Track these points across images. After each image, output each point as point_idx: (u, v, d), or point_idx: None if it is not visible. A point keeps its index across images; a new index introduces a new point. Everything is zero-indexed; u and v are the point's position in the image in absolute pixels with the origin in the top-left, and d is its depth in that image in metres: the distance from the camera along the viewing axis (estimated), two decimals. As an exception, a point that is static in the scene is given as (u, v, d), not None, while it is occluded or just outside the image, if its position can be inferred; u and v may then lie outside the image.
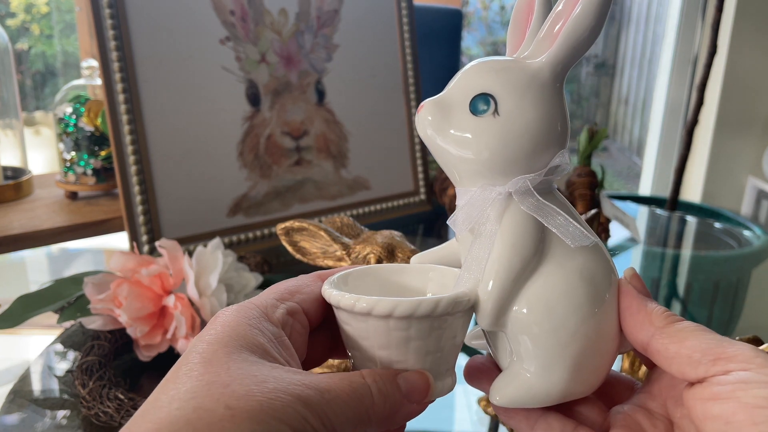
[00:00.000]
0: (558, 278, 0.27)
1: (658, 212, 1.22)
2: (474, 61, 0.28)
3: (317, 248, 0.45)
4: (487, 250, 0.27)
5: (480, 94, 0.26)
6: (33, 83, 1.76)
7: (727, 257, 1.00)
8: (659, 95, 2.19)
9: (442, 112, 0.27)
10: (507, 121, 0.26)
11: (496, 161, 0.26)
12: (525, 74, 0.27)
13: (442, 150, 0.27)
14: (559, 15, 0.26)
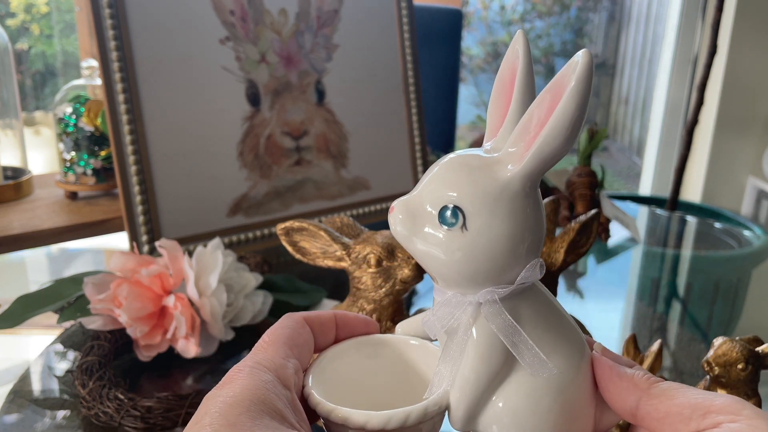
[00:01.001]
0: (527, 389, 0.27)
1: (658, 212, 1.22)
2: (447, 159, 0.27)
3: (317, 248, 0.45)
4: (458, 356, 0.27)
5: (449, 206, 0.26)
6: (33, 83, 1.76)
7: (727, 257, 1.00)
8: (659, 95, 2.19)
9: (412, 218, 0.27)
10: (475, 236, 0.26)
11: (464, 273, 0.26)
12: (495, 187, 0.26)
13: (412, 251, 0.27)
14: (529, 124, 0.25)
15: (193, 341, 0.54)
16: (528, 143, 0.25)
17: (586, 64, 0.23)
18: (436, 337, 0.28)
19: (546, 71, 3.80)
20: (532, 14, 3.72)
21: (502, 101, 0.28)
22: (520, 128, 0.26)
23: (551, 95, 0.25)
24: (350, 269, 0.44)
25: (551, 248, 0.46)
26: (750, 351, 0.40)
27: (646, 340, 0.65)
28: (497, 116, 0.28)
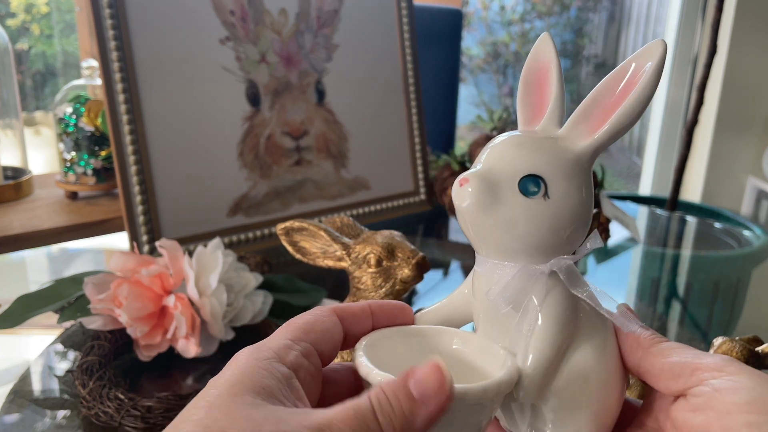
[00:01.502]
0: (588, 352, 0.28)
1: (658, 212, 1.22)
2: (511, 136, 0.28)
3: (317, 248, 0.45)
4: (530, 329, 0.27)
5: (530, 176, 0.27)
6: (33, 83, 1.76)
7: (727, 257, 1.00)
8: (659, 95, 2.19)
9: (491, 188, 0.27)
10: (556, 205, 0.27)
11: (542, 243, 0.27)
12: (571, 157, 0.27)
13: (483, 224, 0.27)
14: (606, 100, 0.27)
15: (193, 341, 0.54)
16: (597, 122, 0.27)
17: (662, 54, 0.26)
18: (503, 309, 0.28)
19: (546, 71, 3.80)
20: (532, 14, 3.72)
21: (535, 93, 0.30)
22: (582, 111, 0.28)
23: (621, 80, 0.27)
24: (350, 269, 0.44)
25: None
26: (750, 351, 0.40)
27: (646, 340, 0.65)
28: (532, 106, 0.30)
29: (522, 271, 0.27)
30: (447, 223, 1.01)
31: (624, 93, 0.27)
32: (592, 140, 0.27)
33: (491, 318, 0.29)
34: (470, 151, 0.96)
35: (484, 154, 0.28)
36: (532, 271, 0.27)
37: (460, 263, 0.88)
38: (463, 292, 0.31)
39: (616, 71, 0.27)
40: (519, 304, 0.27)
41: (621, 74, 0.27)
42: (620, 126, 0.27)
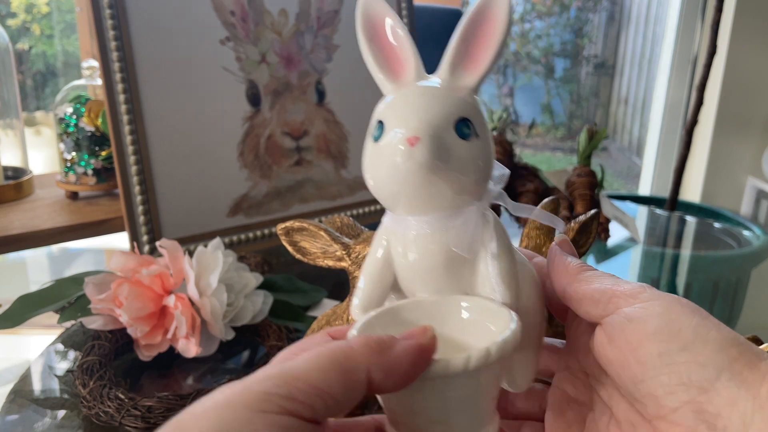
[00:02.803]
0: (527, 290, 0.30)
1: (658, 212, 1.22)
2: (422, 88, 0.29)
3: (317, 248, 0.45)
4: (489, 265, 0.28)
5: (461, 119, 0.28)
6: (33, 83, 1.76)
7: (726, 257, 1.00)
8: (659, 95, 2.19)
9: (439, 139, 0.27)
10: (485, 141, 0.28)
11: (481, 181, 0.28)
12: (470, 96, 0.29)
13: (433, 181, 0.27)
14: (473, 39, 0.29)
15: (193, 341, 0.54)
16: (473, 61, 0.29)
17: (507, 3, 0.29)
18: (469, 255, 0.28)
19: (546, 71, 3.80)
20: (532, 14, 3.72)
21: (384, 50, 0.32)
22: (455, 54, 0.30)
23: (480, 18, 0.29)
24: (350, 269, 0.44)
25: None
26: (749, 351, 0.40)
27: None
28: (387, 63, 0.32)
29: (475, 213, 0.28)
30: (447, 223, 1.01)
31: (486, 30, 0.29)
32: (475, 78, 0.29)
33: (439, 272, 0.28)
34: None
35: (397, 112, 0.28)
36: (481, 212, 0.28)
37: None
38: (381, 264, 0.30)
39: (472, 12, 0.29)
40: (476, 245, 0.28)
41: (478, 13, 0.29)
42: (493, 60, 0.29)
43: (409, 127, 0.27)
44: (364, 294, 0.30)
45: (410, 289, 0.30)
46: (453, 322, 0.29)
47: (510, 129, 0.99)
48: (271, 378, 0.22)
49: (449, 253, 0.28)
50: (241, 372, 0.57)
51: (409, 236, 0.29)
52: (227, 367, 0.59)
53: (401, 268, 0.29)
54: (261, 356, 0.60)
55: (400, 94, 0.29)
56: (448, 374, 0.24)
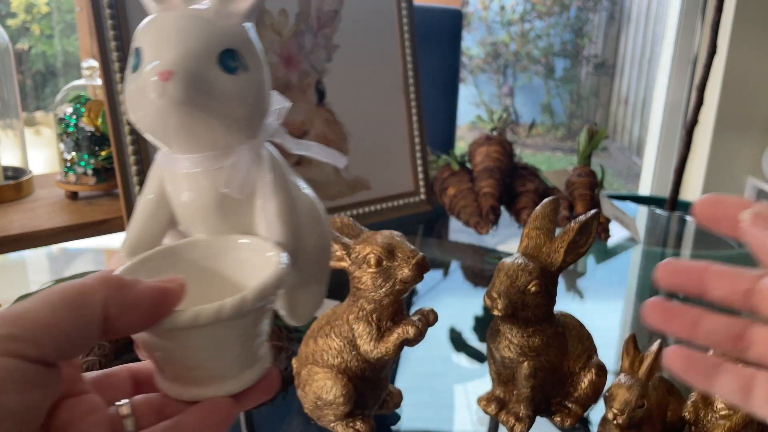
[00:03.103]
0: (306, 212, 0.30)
1: (658, 212, 1.22)
2: (177, 16, 0.26)
3: (317, 248, 0.45)
4: (266, 201, 0.27)
5: (226, 51, 0.25)
6: (33, 83, 1.76)
7: (726, 257, 1.00)
8: (659, 95, 2.20)
9: (200, 78, 0.25)
10: (256, 75, 0.27)
11: (253, 117, 0.27)
12: (240, 25, 0.27)
13: (192, 119, 0.25)
14: None
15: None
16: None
17: None
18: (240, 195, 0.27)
19: (546, 71, 3.81)
20: (532, 14, 3.73)
21: None
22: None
23: None
24: (350, 269, 0.44)
25: (551, 248, 0.46)
26: (749, 350, 0.40)
27: (646, 340, 0.65)
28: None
29: (247, 153, 0.27)
30: (447, 223, 1.01)
31: None
32: (247, 3, 0.27)
33: (212, 212, 0.28)
34: (470, 151, 0.97)
35: (151, 39, 0.25)
36: (254, 150, 0.27)
37: (460, 263, 0.88)
38: (153, 204, 0.29)
39: None
40: (249, 185, 0.27)
41: None
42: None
43: (163, 60, 0.25)
44: (132, 236, 0.29)
45: (188, 228, 0.29)
46: (229, 262, 0.28)
47: (510, 129, 0.99)
48: None
49: (221, 192, 0.27)
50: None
51: (180, 175, 0.27)
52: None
53: (176, 207, 0.28)
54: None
55: (160, 17, 0.26)
56: (198, 324, 0.24)
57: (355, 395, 0.44)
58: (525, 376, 0.46)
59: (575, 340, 0.48)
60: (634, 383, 0.42)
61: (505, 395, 0.50)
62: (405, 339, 0.43)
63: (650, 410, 0.42)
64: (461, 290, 0.80)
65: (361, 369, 0.44)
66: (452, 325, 0.67)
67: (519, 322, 0.45)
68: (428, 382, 0.58)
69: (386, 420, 0.51)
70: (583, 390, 0.48)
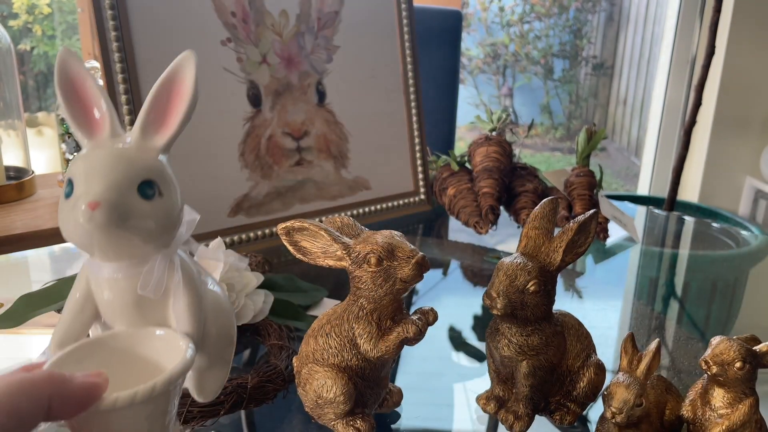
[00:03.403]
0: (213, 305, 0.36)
1: (656, 212, 1.22)
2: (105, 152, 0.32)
3: (318, 248, 0.46)
4: (178, 301, 0.33)
5: (144, 182, 0.31)
6: (35, 84, 1.76)
7: (724, 257, 1.00)
8: (657, 96, 2.20)
9: (121, 206, 0.30)
10: (168, 198, 0.32)
11: (165, 233, 0.32)
12: (160, 157, 0.33)
13: (116, 237, 0.31)
14: (161, 105, 0.33)
15: (195, 340, 0.55)
16: (162, 124, 0.33)
17: (194, 61, 0.34)
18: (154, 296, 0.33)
19: (545, 72, 3.81)
20: (531, 15, 3.73)
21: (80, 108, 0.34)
22: (145, 118, 0.33)
23: (169, 87, 0.33)
24: (350, 269, 0.44)
25: (550, 248, 0.46)
26: (747, 350, 0.41)
27: (644, 339, 0.65)
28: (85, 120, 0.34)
29: (161, 261, 0.32)
30: (447, 222, 1.01)
31: (173, 96, 0.33)
32: (164, 139, 0.33)
33: (131, 309, 0.33)
34: (470, 151, 0.97)
35: (82, 173, 0.31)
36: (167, 258, 0.33)
37: (460, 263, 0.88)
38: (81, 301, 0.34)
39: (162, 79, 0.33)
40: (162, 287, 0.32)
41: (167, 82, 0.33)
42: (181, 123, 0.33)
43: (90, 192, 0.30)
44: (60, 330, 0.34)
45: (110, 321, 0.34)
46: (145, 351, 0.34)
47: (509, 129, 0.99)
48: None
49: (139, 294, 0.33)
50: (242, 371, 0.58)
51: (103, 278, 0.33)
52: (228, 366, 0.59)
53: (100, 304, 0.34)
54: (262, 355, 0.60)
55: (89, 154, 0.32)
56: (116, 407, 0.29)
57: (355, 394, 0.45)
58: (524, 375, 0.47)
59: (574, 339, 0.48)
60: (632, 382, 0.42)
61: (504, 394, 0.50)
62: (405, 338, 0.43)
63: (648, 409, 0.42)
64: (461, 290, 0.80)
65: (361, 368, 0.44)
66: (452, 325, 0.68)
67: (518, 322, 0.46)
68: (428, 380, 0.58)
69: (386, 418, 0.51)
70: (582, 389, 0.48)
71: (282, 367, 0.52)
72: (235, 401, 0.48)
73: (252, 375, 0.50)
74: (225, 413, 0.48)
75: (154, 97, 0.33)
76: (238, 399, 0.49)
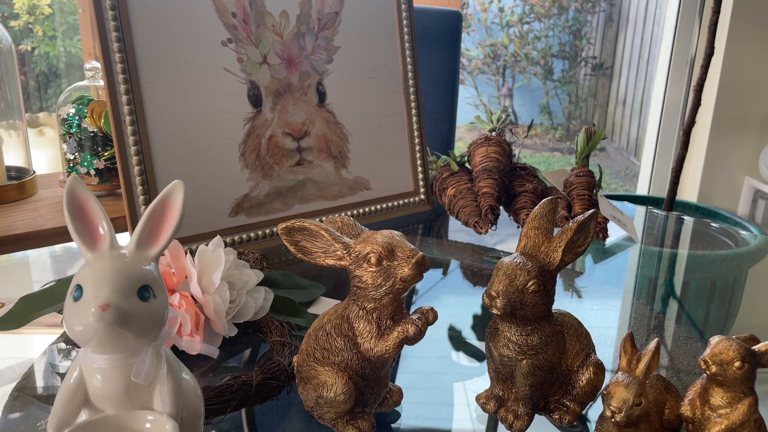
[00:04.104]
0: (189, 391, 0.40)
1: (656, 212, 1.23)
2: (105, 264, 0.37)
3: (318, 248, 0.46)
4: (163, 386, 0.38)
5: (143, 286, 0.37)
6: (36, 84, 1.76)
7: (723, 257, 1.01)
8: (657, 96, 2.20)
9: (124, 310, 0.35)
10: (160, 301, 0.37)
11: (156, 329, 0.37)
12: (154, 266, 0.38)
13: (117, 334, 0.36)
14: (155, 223, 0.38)
15: (197, 338, 0.55)
16: (153, 239, 0.39)
17: (182, 190, 0.39)
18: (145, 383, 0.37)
19: (545, 72, 3.81)
20: (531, 16, 3.73)
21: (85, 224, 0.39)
22: (140, 233, 0.38)
23: (162, 209, 0.39)
24: (350, 268, 0.44)
25: (549, 248, 0.46)
26: (746, 349, 0.41)
27: (644, 339, 0.65)
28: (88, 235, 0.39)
29: (152, 353, 0.37)
30: (446, 222, 1.01)
31: (164, 216, 0.39)
32: (156, 250, 0.38)
33: (122, 396, 0.37)
34: (469, 151, 0.97)
35: (93, 280, 0.36)
36: (156, 350, 0.38)
37: (460, 263, 0.88)
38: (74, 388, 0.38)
39: (156, 202, 0.38)
40: (151, 375, 0.37)
41: (159, 205, 0.38)
42: (170, 238, 0.38)
43: (100, 296, 0.35)
44: (56, 415, 0.38)
45: (102, 407, 0.38)
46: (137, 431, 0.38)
47: (509, 130, 1.00)
48: None
49: (130, 381, 0.37)
50: (244, 368, 0.58)
51: (98, 368, 0.37)
52: (229, 365, 0.60)
53: (93, 391, 0.38)
54: (264, 352, 0.61)
55: (96, 264, 0.37)
56: None
57: (355, 393, 0.45)
58: (523, 374, 0.47)
59: (573, 339, 0.48)
60: (631, 381, 0.42)
61: (503, 393, 0.50)
62: (405, 337, 0.43)
63: (647, 408, 0.43)
64: (460, 289, 0.80)
65: (362, 367, 0.45)
66: (452, 324, 0.68)
67: (517, 321, 0.46)
68: (428, 380, 0.58)
69: (386, 418, 0.51)
70: (581, 388, 0.48)
71: (285, 364, 0.53)
72: (240, 398, 0.49)
73: (256, 372, 0.51)
74: (231, 411, 0.48)
75: (149, 217, 0.38)
76: (243, 396, 0.49)
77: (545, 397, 0.50)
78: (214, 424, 0.48)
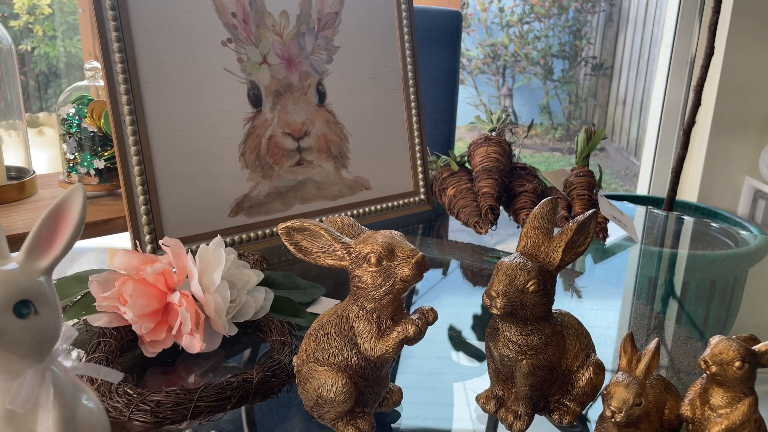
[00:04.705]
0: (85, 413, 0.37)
1: (656, 212, 1.23)
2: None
3: (318, 248, 0.46)
4: (48, 414, 0.34)
5: (20, 302, 0.33)
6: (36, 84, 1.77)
7: (723, 257, 1.01)
8: (657, 96, 2.20)
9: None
10: (45, 316, 0.34)
11: (41, 349, 0.34)
12: (39, 276, 0.34)
13: None
14: (46, 232, 0.35)
15: (198, 337, 0.55)
16: (45, 249, 0.35)
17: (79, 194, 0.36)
18: (22, 410, 0.34)
19: (545, 72, 3.81)
20: (531, 16, 3.73)
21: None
22: (32, 242, 0.35)
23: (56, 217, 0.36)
24: (350, 268, 0.45)
25: (549, 248, 0.46)
26: (746, 349, 0.41)
27: (644, 339, 0.65)
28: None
29: (31, 377, 0.34)
30: (446, 222, 1.02)
31: (60, 225, 0.36)
32: (48, 261, 0.35)
33: (2, 422, 0.34)
34: (469, 151, 0.97)
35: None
36: (39, 373, 0.34)
37: (460, 263, 0.88)
38: None
39: (52, 207, 0.35)
40: (31, 402, 0.34)
41: (55, 212, 0.35)
42: (65, 248, 0.35)
43: None
44: None
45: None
46: None
47: (509, 130, 1.00)
48: None
49: (7, 408, 0.34)
50: (244, 368, 0.58)
51: None
52: (229, 364, 0.60)
53: None
54: (265, 351, 0.61)
55: None
56: None
57: (355, 393, 0.45)
58: (523, 374, 0.47)
59: (573, 339, 0.48)
60: (631, 381, 0.42)
61: (503, 393, 0.50)
62: (405, 337, 0.43)
63: (648, 408, 0.43)
64: (460, 289, 0.80)
65: (362, 367, 0.45)
66: (452, 324, 0.68)
67: (517, 321, 0.46)
68: (428, 380, 0.58)
69: (386, 418, 0.51)
70: (581, 388, 0.48)
71: (285, 362, 0.53)
72: (241, 396, 0.49)
73: (257, 370, 0.51)
74: (232, 408, 0.49)
75: (42, 224, 0.35)
76: (244, 394, 0.49)
77: (545, 397, 0.50)
78: (215, 422, 0.49)
